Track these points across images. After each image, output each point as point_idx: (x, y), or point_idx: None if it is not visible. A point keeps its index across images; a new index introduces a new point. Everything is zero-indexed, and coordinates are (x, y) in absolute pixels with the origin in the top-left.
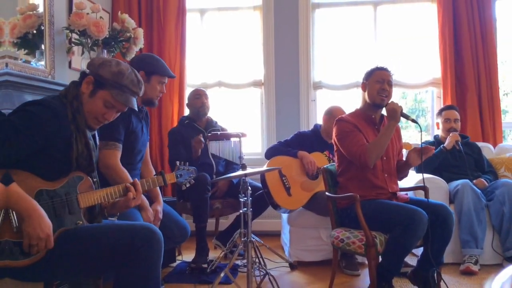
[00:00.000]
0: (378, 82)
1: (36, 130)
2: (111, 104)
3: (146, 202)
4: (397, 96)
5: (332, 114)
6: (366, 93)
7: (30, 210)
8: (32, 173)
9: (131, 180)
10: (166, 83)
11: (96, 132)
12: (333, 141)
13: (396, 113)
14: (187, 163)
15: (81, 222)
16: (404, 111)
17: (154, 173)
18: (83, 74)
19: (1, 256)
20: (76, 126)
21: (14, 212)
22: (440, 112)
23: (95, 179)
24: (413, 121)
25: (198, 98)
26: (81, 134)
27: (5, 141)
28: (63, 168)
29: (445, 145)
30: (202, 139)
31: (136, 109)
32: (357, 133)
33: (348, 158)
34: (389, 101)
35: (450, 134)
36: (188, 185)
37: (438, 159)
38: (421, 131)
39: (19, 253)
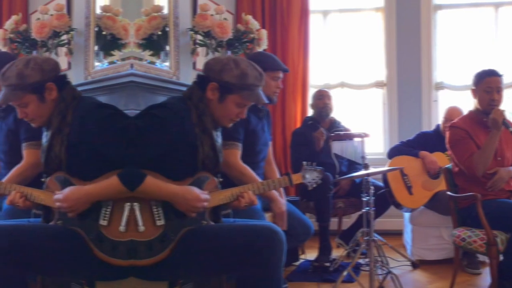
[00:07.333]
0: (487, 92)
1: (161, 133)
2: (244, 104)
3: (276, 193)
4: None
5: (449, 115)
6: (476, 100)
7: (172, 195)
8: (158, 173)
9: (256, 177)
10: (281, 77)
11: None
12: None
13: (498, 123)
14: (314, 163)
15: (205, 222)
16: None
17: (277, 173)
18: (202, 78)
19: (126, 255)
20: (202, 129)
21: (139, 212)
22: None
23: (221, 179)
24: (510, 132)
25: (321, 99)
26: (207, 136)
27: (130, 144)
28: (189, 170)
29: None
30: (324, 131)
31: (266, 101)
32: (466, 142)
33: None
34: (494, 110)
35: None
36: (315, 185)
37: None
38: None
39: (143, 253)
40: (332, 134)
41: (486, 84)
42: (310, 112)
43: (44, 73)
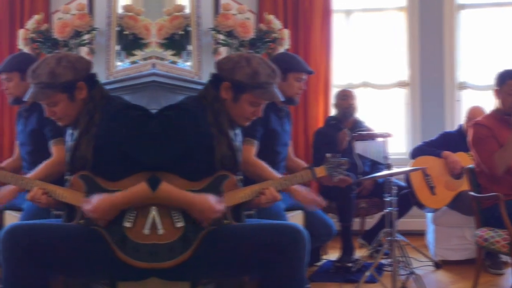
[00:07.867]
0: (510, 94)
1: (175, 136)
2: (258, 103)
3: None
4: None
5: (472, 115)
6: (499, 101)
7: (187, 205)
8: (176, 175)
9: (273, 172)
10: (304, 79)
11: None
12: (468, 143)
13: None
14: (339, 154)
15: (227, 221)
16: None
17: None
18: (216, 77)
19: (148, 258)
20: (218, 128)
21: (157, 215)
22: None
23: (241, 177)
24: None
25: (345, 99)
26: (223, 135)
27: (144, 147)
28: (207, 170)
29: None
30: (347, 131)
31: (282, 98)
32: (489, 141)
33: None
34: None
35: None
36: (341, 177)
37: None
38: None
39: (164, 255)
40: (355, 134)
41: (510, 86)
42: (332, 112)
43: (76, 72)
